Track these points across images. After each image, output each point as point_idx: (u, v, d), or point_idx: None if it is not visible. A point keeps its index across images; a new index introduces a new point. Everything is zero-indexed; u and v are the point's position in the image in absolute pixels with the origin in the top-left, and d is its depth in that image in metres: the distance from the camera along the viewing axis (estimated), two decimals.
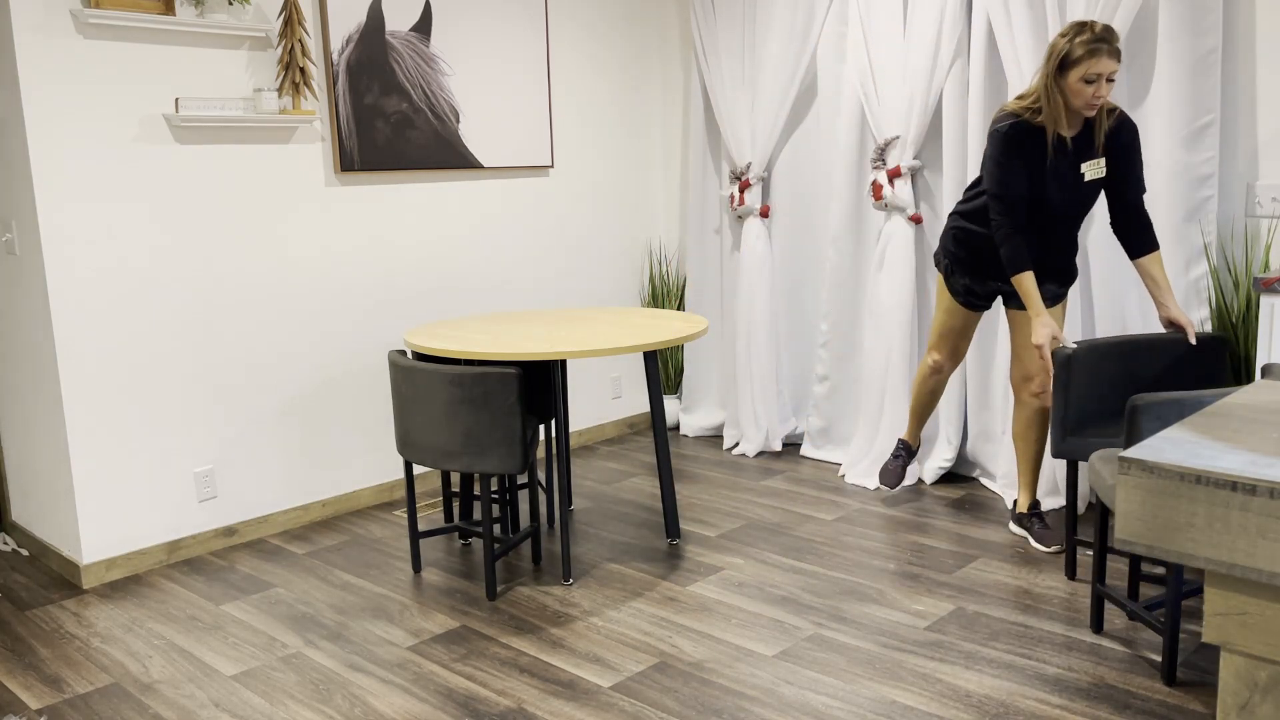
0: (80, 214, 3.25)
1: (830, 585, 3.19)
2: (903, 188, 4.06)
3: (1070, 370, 2.98)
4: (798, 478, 4.31)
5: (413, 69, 4.03)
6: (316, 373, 3.89)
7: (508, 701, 2.55)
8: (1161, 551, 1.12)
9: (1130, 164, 3.15)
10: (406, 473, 3.31)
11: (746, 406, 4.65)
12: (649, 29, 4.99)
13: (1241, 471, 1.07)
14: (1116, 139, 3.14)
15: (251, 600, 3.21)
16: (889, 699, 2.51)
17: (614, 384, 5.04)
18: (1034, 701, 2.47)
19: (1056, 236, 3.27)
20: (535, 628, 2.96)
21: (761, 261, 4.58)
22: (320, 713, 2.53)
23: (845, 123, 4.26)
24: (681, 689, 2.59)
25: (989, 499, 3.95)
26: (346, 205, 3.91)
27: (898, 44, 4.03)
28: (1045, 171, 3.14)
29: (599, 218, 4.87)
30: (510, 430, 3.00)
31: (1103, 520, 2.77)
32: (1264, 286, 2.97)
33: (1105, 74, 2.98)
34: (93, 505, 3.36)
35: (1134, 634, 2.80)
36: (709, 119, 4.81)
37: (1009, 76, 3.67)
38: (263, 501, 3.79)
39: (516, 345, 3.14)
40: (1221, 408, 1.34)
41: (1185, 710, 2.42)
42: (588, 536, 3.68)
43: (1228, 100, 3.45)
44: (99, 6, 3.19)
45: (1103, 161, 3.15)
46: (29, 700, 2.64)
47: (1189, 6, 3.37)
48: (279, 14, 3.57)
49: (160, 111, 3.39)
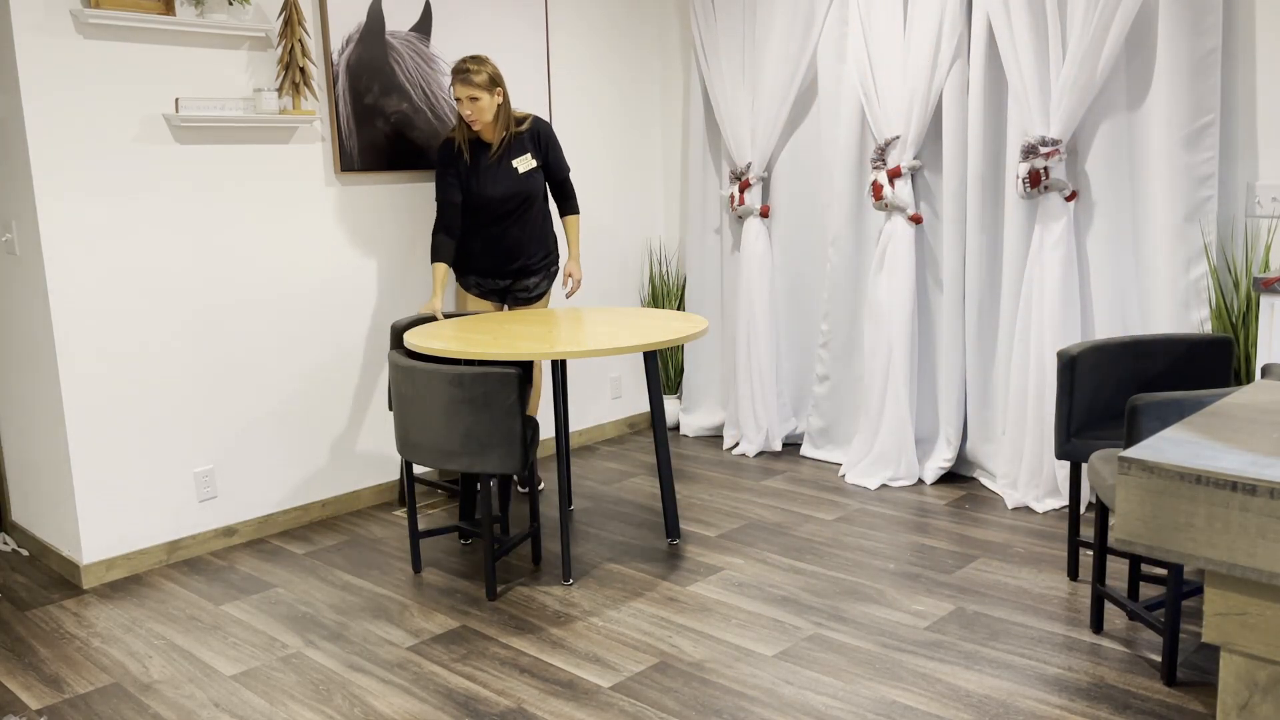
0: (80, 214, 3.25)
1: (830, 585, 3.19)
2: (903, 188, 4.06)
3: (1073, 372, 2.98)
4: (798, 478, 4.30)
5: (413, 69, 4.03)
6: (317, 373, 3.89)
7: (508, 701, 2.55)
8: (1161, 551, 1.12)
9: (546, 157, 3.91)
10: (407, 472, 3.31)
11: (746, 406, 4.65)
12: (649, 29, 4.99)
13: (1241, 471, 1.07)
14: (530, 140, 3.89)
15: (251, 600, 3.21)
16: (889, 699, 2.51)
17: (614, 384, 5.04)
18: (1034, 701, 2.47)
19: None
20: (535, 628, 2.96)
21: (761, 261, 4.58)
22: (320, 713, 2.53)
23: (845, 122, 4.26)
24: (681, 689, 2.59)
25: (989, 499, 3.95)
26: (347, 205, 3.91)
27: (898, 44, 4.03)
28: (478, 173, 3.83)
29: (598, 218, 4.87)
30: (510, 430, 3.00)
31: (1102, 520, 2.77)
32: (1264, 286, 2.97)
33: (464, 97, 3.68)
34: (93, 505, 3.36)
35: (1134, 634, 2.80)
36: (709, 119, 4.81)
37: (1009, 76, 3.67)
38: (263, 501, 3.79)
39: (516, 345, 3.14)
40: (1221, 408, 1.34)
41: (1185, 710, 2.42)
42: (588, 536, 3.68)
43: (1228, 100, 3.45)
44: (99, 6, 3.19)
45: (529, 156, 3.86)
46: (29, 700, 2.64)
47: (1189, 7, 3.36)
48: (279, 14, 3.57)
49: (160, 111, 3.39)
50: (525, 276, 3.99)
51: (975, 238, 3.93)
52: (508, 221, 3.87)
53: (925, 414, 4.27)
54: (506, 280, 3.98)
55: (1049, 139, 3.58)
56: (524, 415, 3.01)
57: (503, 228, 3.87)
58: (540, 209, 3.94)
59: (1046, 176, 3.59)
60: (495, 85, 3.70)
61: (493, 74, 3.69)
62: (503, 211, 3.85)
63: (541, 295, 4.05)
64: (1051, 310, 3.64)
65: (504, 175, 3.81)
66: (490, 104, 3.70)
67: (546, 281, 4.05)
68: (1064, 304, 3.63)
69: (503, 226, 3.87)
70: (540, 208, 3.94)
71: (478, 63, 3.67)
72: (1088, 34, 3.44)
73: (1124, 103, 3.59)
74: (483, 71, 3.66)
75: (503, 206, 3.83)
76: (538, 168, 3.87)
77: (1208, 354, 3.07)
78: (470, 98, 3.68)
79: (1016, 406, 3.81)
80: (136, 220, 3.37)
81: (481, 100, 3.68)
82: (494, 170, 3.80)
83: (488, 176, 3.80)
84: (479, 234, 3.88)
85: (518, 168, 3.82)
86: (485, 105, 3.69)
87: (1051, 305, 3.63)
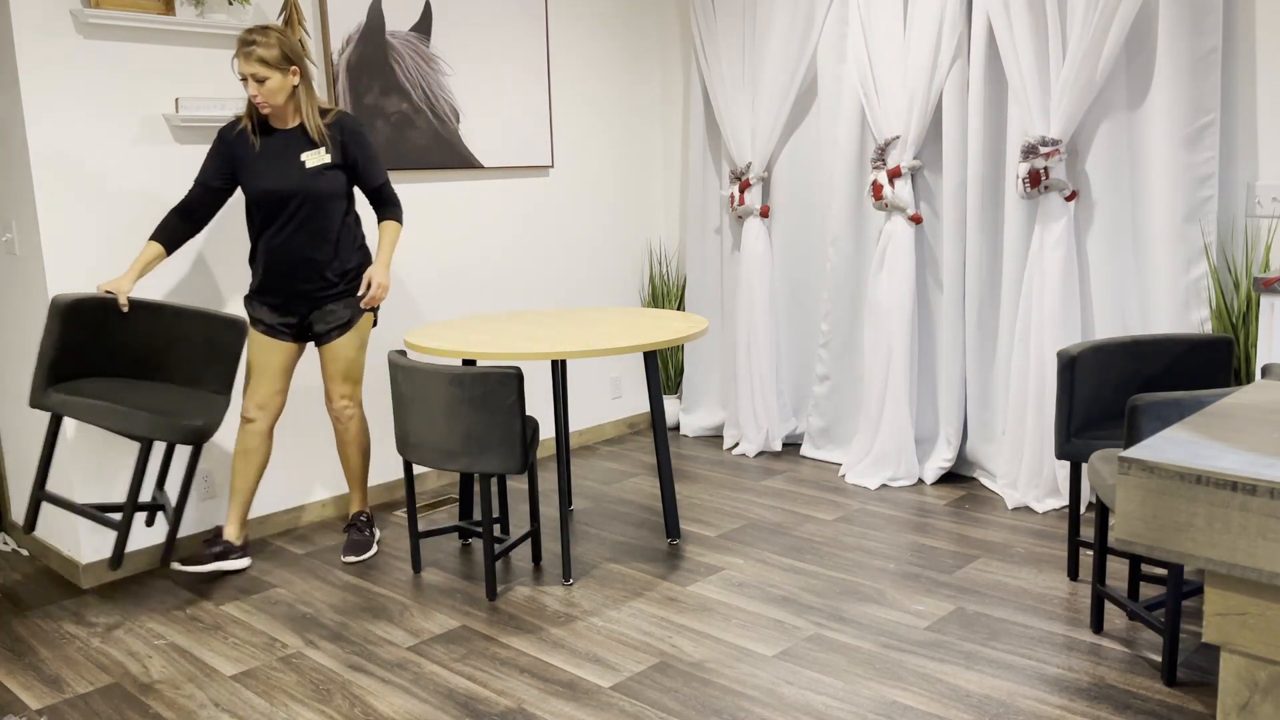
0: (80, 214, 3.25)
1: (830, 585, 3.19)
2: (903, 187, 4.06)
3: (1073, 372, 2.98)
4: (798, 478, 4.31)
5: (413, 69, 4.03)
6: (316, 373, 3.89)
7: (508, 701, 2.55)
8: (1161, 551, 1.12)
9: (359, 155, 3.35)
10: (406, 473, 3.31)
11: (746, 406, 4.65)
12: (649, 29, 4.99)
13: (1241, 471, 1.07)
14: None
15: (251, 600, 3.21)
16: (889, 699, 2.51)
17: (614, 384, 5.04)
18: (1034, 701, 2.47)
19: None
20: (535, 628, 2.96)
21: (761, 261, 4.58)
22: (320, 713, 2.53)
23: (845, 123, 4.26)
24: (681, 689, 2.59)
25: (989, 499, 3.95)
26: None
27: (898, 44, 4.03)
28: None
29: (599, 218, 4.87)
30: (510, 430, 3.00)
31: (1102, 520, 2.77)
32: (1264, 286, 2.97)
33: (249, 75, 3.13)
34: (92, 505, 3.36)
35: (1134, 634, 2.80)
36: (709, 119, 4.81)
37: (1009, 76, 3.67)
38: (263, 501, 3.78)
39: (516, 345, 3.14)
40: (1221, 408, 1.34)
41: (1185, 710, 2.42)
42: (588, 536, 3.68)
43: (1228, 100, 3.45)
44: (99, 6, 3.19)
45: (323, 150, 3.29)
46: (29, 700, 2.64)
47: (1189, 6, 3.37)
48: (279, 14, 3.57)
49: (160, 111, 3.39)
50: (321, 304, 3.35)
51: (975, 238, 3.93)
52: (290, 227, 3.26)
53: (925, 414, 4.28)
54: (300, 309, 3.35)
55: (1049, 139, 3.58)
56: (524, 415, 3.01)
57: (284, 236, 3.26)
58: (334, 219, 3.30)
59: (1046, 176, 3.59)
60: (289, 63, 3.16)
61: (287, 50, 3.15)
62: (281, 213, 3.26)
63: (346, 326, 3.38)
64: (1051, 310, 3.64)
65: (286, 168, 3.23)
66: (283, 85, 3.17)
67: (350, 312, 3.38)
68: (1064, 304, 3.63)
69: (284, 234, 3.26)
70: (334, 218, 3.30)
71: (266, 34, 3.12)
72: (1088, 34, 3.44)
73: (1124, 103, 3.59)
74: (273, 46, 3.12)
75: (280, 206, 3.24)
76: (332, 166, 3.26)
77: (1208, 354, 3.07)
78: (255, 77, 3.13)
79: (1016, 406, 3.81)
80: (137, 220, 3.37)
81: (271, 80, 3.14)
82: (275, 160, 3.23)
83: (265, 166, 3.23)
84: (261, 244, 3.31)
85: (305, 161, 3.23)
86: (275, 86, 3.15)
87: (1051, 305, 3.63)
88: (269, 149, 3.25)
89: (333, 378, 3.44)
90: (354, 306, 3.39)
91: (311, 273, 3.31)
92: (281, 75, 3.16)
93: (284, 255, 3.29)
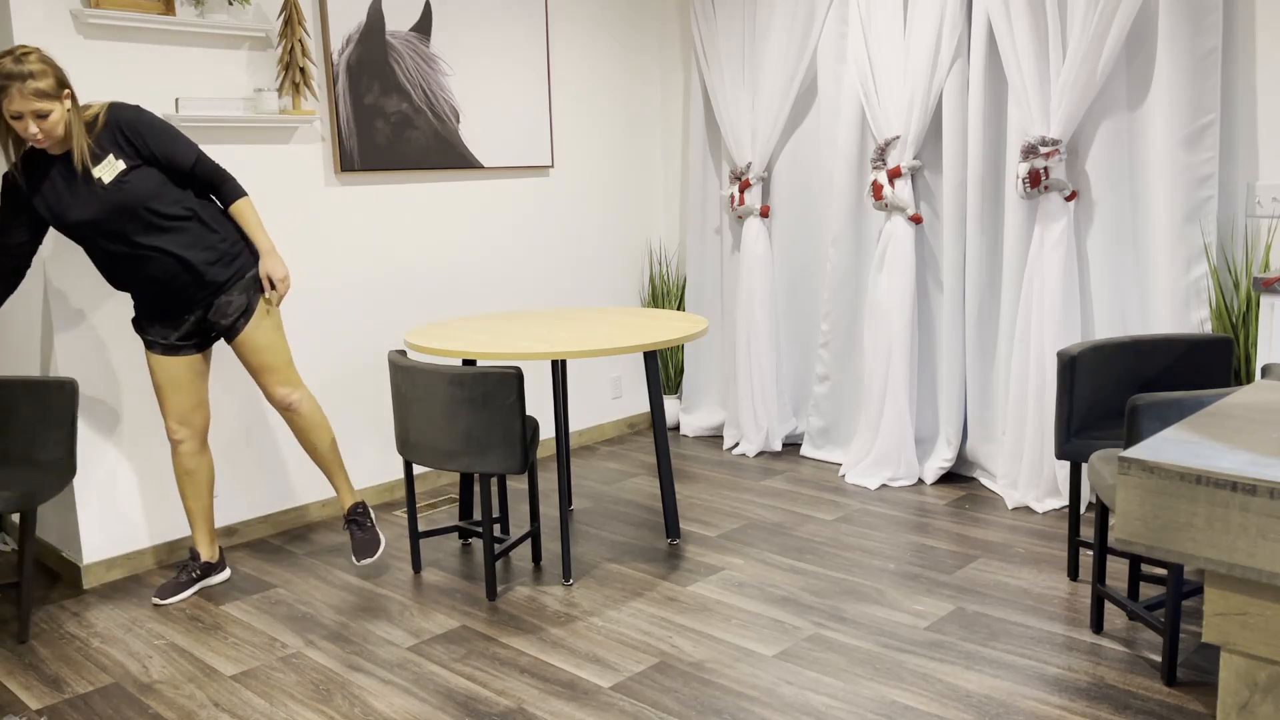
0: None
1: (830, 585, 3.19)
2: (903, 188, 4.06)
3: (1073, 372, 2.98)
4: (798, 478, 4.31)
5: (413, 69, 4.03)
6: (316, 373, 3.89)
7: (508, 701, 2.55)
8: (1161, 551, 1.12)
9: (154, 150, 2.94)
10: (406, 473, 3.31)
11: (746, 406, 4.65)
12: (649, 29, 4.99)
13: (1241, 471, 1.07)
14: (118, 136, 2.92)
15: (251, 600, 3.21)
16: (889, 699, 2.51)
17: (614, 384, 5.04)
18: (1034, 701, 2.47)
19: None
20: (535, 628, 2.96)
21: (761, 261, 4.58)
22: (320, 713, 2.53)
23: (845, 123, 4.26)
24: (681, 689, 2.59)
25: (989, 499, 3.95)
26: (347, 205, 3.91)
27: (898, 44, 4.03)
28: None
29: (599, 218, 4.87)
30: (510, 430, 3.00)
31: (1102, 520, 2.77)
32: (1264, 286, 2.97)
33: (28, 113, 2.68)
34: (92, 505, 3.36)
35: (1134, 634, 2.80)
36: (709, 119, 4.81)
37: (1009, 76, 3.67)
38: (263, 501, 3.79)
39: (516, 345, 3.14)
40: (1221, 408, 1.34)
41: (1185, 710, 2.42)
42: (588, 536, 3.68)
43: (1228, 100, 3.45)
44: (99, 6, 3.19)
45: (111, 158, 2.88)
46: (29, 700, 2.64)
47: (1189, 6, 3.37)
48: (279, 14, 3.57)
49: (160, 112, 3.39)
50: (209, 302, 3.06)
51: (975, 238, 3.93)
52: (132, 246, 2.93)
53: (925, 414, 4.28)
54: (195, 311, 3.08)
55: (1049, 139, 3.58)
56: (524, 415, 3.01)
57: (133, 258, 2.94)
58: (173, 213, 2.96)
59: (1046, 176, 3.59)
60: (64, 88, 2.75)
61: (57, 72, 2.74)
62: (114, 236, 2.91)
63: (249, 310, 3.10)
64: (1051, 310, 3.64)
65: (87, 194, 2.85)
66: (62, 114, 2.76)
67: (246, 296, 3.09)
68: (1064, 304, 3.63)
69: (132, 256, 2.94)
70: (172, 211, 2.96)
71: (30, 60, 2.68)
72: (1088, 34, 3.44)
73: (1124, 103, 3.59)
74: (47, 73, 2.70)
75: (109, 232, 2.90)
76: (132, 168, 2.89)
77: (1208, 354, 3.08)
78: (36, 114, 2.70)
79: (1016, 406, 3.81)
80: None
81: (54, 114, 2.73)
82: (72, 190, 2.86)
83: (65, 200, 2.86)
84: (116, 274, 3.00)
85: (102, 178, 2.85)
86: (58, 118, 2.75)
87: (1051, 305, 3.63)
88: (59, 179, 2.86)
89: (260, 370, 3.16)
90: (249, 289, 3.09)
91: (185, 275, 3.00)
92: (60, 104, 2.75)
93: (144, 274, 2.98)
